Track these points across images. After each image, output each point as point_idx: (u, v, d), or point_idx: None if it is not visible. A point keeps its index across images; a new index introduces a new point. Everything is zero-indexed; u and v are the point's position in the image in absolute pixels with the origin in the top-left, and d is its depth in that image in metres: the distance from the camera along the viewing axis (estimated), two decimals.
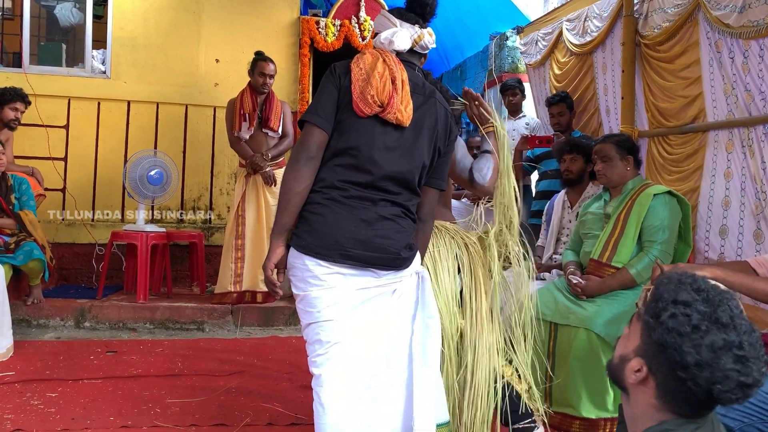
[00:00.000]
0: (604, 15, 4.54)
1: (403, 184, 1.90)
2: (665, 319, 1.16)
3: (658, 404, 1.20)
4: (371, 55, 1.91)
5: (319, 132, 1.85)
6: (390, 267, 1.87)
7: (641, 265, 2.86)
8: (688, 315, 1.14)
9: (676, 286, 1.19)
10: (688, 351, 1.12)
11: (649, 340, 1.20)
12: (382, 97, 1.84)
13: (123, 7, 5.42)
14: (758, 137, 3.28)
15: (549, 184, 4.35)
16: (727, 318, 1.14)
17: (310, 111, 1.88)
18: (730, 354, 1.12)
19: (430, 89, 1.99)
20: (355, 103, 1.84)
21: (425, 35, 2.01)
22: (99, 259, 5.03)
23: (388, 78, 1.86)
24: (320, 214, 1.83)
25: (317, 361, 1.83)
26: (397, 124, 1.87)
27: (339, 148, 1.86)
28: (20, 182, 4.21)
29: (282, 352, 3.88)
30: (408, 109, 1.87)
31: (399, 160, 1.88)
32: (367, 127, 1.85)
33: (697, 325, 1.13)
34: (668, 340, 1.15)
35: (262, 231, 4.62)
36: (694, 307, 1.15)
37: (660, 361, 1.18)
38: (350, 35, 5.74)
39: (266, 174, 4.62)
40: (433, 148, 1.96)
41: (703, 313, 1.14)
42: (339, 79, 1.88)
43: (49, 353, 3.68)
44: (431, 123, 1.94)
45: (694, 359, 1.12)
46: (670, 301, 1.17)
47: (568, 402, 2.82)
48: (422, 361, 1.91)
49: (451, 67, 8.19)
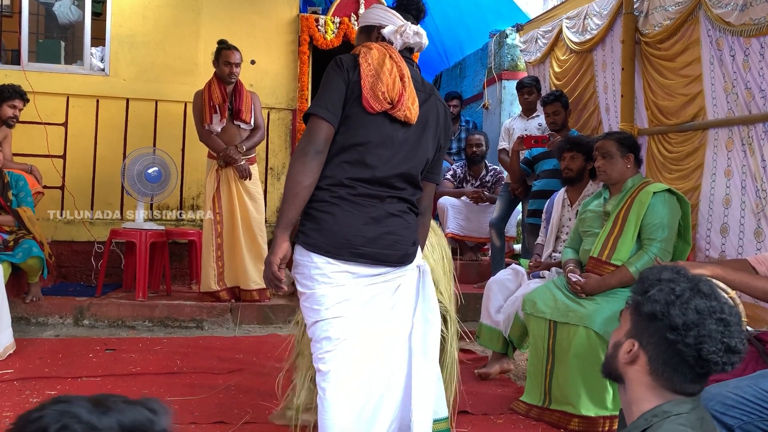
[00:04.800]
0: (603, 13, 4.54)
1: (408, 179, 1.92)
2: (653, 293, 1.29)
3: (651, 381, 1.29)
4: (378, 50, 1.88)
5: (327, 126, 1.82)
6: (398, 263, 1.89)
7: (641, 263, 2.85)
8: (672, 288, 1.28)
9: (659, 270, 1.34)
10: (675, 314, 1.24)
11: (639, 317, 1.32)
12: (393, 94, 1.83)
13: (122, 5, 5.40)
14: (758, 135, 3.28)
15: (546, 184, 4.35)
16: (708, 289, 1.28)
17: (317, 104, 1.85)
18: (713, 317, 1.24)
19: (429, 86, 2.01)
20: (365, 98, 1.82)
21: (424, 35, 2.02)
22: (98, 257, 5.02)
23: (396, 75, 1.85)
24: (330, 212, 1.82)
25: (325, 358, 1.83)
26: (405, 121, 1.87)
27: (346, 144, 1.85)
28: (17, 179, 4.20)
29: (281, 350, 3.87)
30: (415, 106, 1.88)
31: (406, 157, 1.89)
32: (376, 124, 1.85)
33: (680, 293, 1.26)
34: (657, 308, 1.27)
35: (237, 227, 4.49)
36: (677, 281, 1.29)
37: (650, 332, 1.29)
38: (349, 32, 5.72)
39: (242, 167, 4.45)
40: (436, 144, 1.98)
41: (685, 285, 1.28)
42: (347, 73, 1.85)
43: (48, 351, 3.67)
44: (434, 119, 1.96)
45: (682, 320, 1.24)
46: (655, 280, 1.31)
47: (568, 400, 2.82)
48: (422, 355, 1.92)
49: (451, 65, 8.18)
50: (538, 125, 5.00)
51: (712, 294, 1.27)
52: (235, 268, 4.53)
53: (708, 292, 1.27)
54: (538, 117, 5.03)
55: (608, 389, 2.78)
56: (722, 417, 1.76)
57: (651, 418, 1.26)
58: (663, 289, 1.28)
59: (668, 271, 1.32)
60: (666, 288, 1.28)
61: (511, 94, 6.12)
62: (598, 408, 2.77)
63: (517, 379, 3.47)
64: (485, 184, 5.53)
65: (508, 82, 6.35)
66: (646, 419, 1.27)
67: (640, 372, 1.30)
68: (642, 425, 1.27)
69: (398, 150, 1.87)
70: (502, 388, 3.31)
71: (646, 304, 1.28)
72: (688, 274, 1.31)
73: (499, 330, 3.38)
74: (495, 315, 3.42)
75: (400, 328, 1.92)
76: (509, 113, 6.13)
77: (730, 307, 1.27)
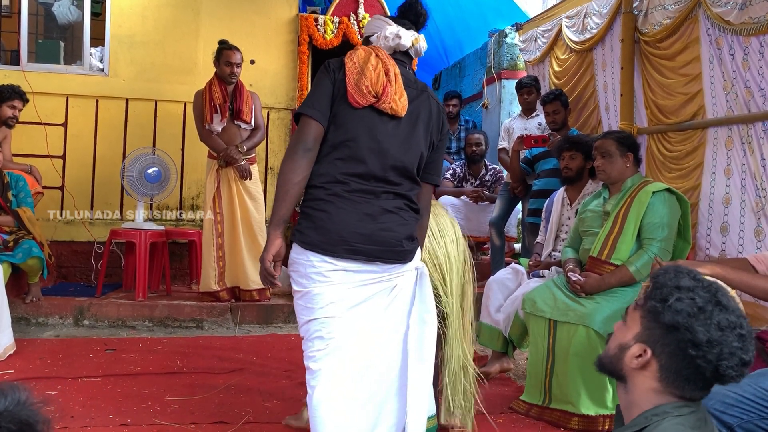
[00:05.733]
0: (603, 12, 4.54)
1: (403, 173, 1.92)
2: (673, 303, 1.24)
3: (659, 387, 1.27)
4: (364, 50, 1.94)
5: (315, 124, 1.87)
6: (394, 260, 1.89)
7: (640, 263, 2.86)
8: (693, 298, 1.23)
9: (676, 275, 1.29)
10: (699, 329, 1.21)
11: (654, 324, 1.27)
12: (377, 87, 1.86)
13: (121, 5, 5.40)
14: (757, 134, 3.28)
15: (546, 183, 4.35)
16: (726, 302, 1.25)
17: (305, 104, 1.90)
18: (734, 332, 1.22)
19: (422, 84, 2.03)
20: (350, 94, 1.86)
21: (421, 40, 2.05)
22: (98, 257, 5.02)
23: (381, 70, 1.89)
24: (324, 210, 1.84)
25: (316, 356, 1.84)
26: (393, 114, 1.89)
27: (337, 141, 1.88)
28: (17, 179, 4.20)
29: (281, 349, 3.88)
30: (402, 99, 1.90)
31: (397, 149, 1.90)
32: (363, 118, 1.88)
33: (702, 306, 1.23)
34: (679, 320, 1.23)
35: (237, 227, 4.49)
36: (696, 291, 1.25)
37: (667, 342, 1.25)
38: (349, 32, 5.73)
39: (242, 167, 4.45)
40: (429, 140, 1.99)
41: (705, 297, 1.24)
42: (333, 73, 1.91)
43: (48, 351, 3.67)
44: (426, 115, 1.97)
45: (706, 337, 1.21)
46: (673, 287, 1.26)
47: (567, 399, 2.83)
48: (418, 357, 1.92)
49: (450, 64, 8.18)
50: (537, 125, 5.00)
51: (730, 307, 1.25)
52: (235, 268, 4.53)
53: (727, 305, 1.25)
54: (538, 116, 5.04)
55: (608, 388, 2.78)
56: (722, 415, 1.76)
57: (651, 417, 1.26)
58: (683, 299, 1.24)
59: (685, 277, 1.28)
60: (687, 299, 1.24)
61: (511, 94, 6.11)
62: (598, 407, 2.77)
63: (517, 378, 3.47)
64: (485, 184, 5.54)
65: (507, 82, 6.35)
66: (646, 417, 1.27)
67: (649, 378, 1.28)
68: (641, 423, 1.27)
69: (389, 142, 1.89)
70: (502, 387, 3.31)
71: (666, 313, 1.24)
72: (704, 281, 1.28)
73: (499, 329, 3.38)
74: (495, 314, 3.42)
75: (396, 329, 1.92)
76: (509, 112, 6.13)
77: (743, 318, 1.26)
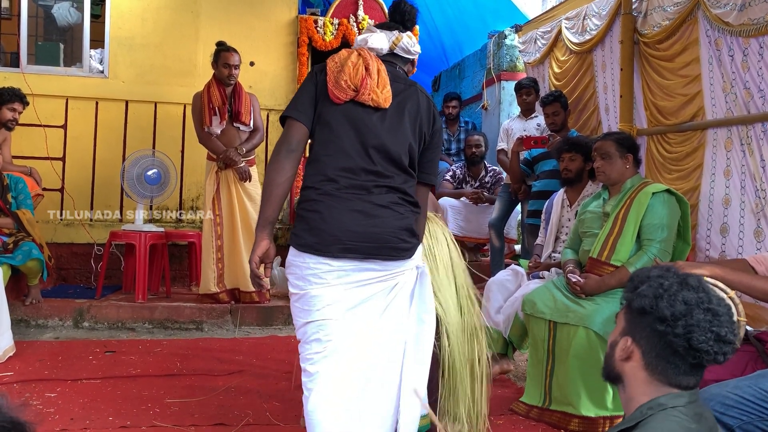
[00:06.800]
0: (602, 13, 4.54)
1: (393, 163, 1.91)
2: (642, 289, 1.34)
3: (647, 376, 1.32)
4: (346, 51, 1.98)
5: (298, 125, 1.91)
6: (391, 257, 1.87)
7: (640, 264, 2.85)
8: (661, 283, 1.33)
9: (649, 270, 1.39)
10: (663, 306, 1.29)
11: (630, 314, 1.37)
12: (355, 80, 1.88)
13: (121, 7, 5.41)
14: (757, 135, 3.28)
15: (545, 184, 4.35)
16: (696, 282, 1.33)
17: (288, 107, 1.95)
18: (701, 307, 1.29)
19: (411, 82, 2.05)
20: (330, 91, 1.90)
21: (404, 37, 2.06)
22: (97, 259, 5.02)
23: (361, 65, 1.91)
24: (316, 210, 1.85)
25: (313, 359, 1.84)
26: (376, 107, 1.90)
27: (323, 139, 1.90)
28: (16, 181, 4.20)
29: (281, 351, 3.87)
30: (384, 91, 1.91)
31: (384, 138, 1.90)
32: (345, 112, 1.90)
33: (668, 287, 1.31)
34: (646, 303, 1.32)
35: (237, 228, 4.50)
36: (665, 277, 1.34)
37: (642, 326, 1.34)
38: (348, 34, 5.73)
39: (242, 169, 4.46)
40: (418, 131, 1.97)
41: (673, 280, 1.33)
42: (315, 76, 1.96)
43: (47, 353, 3.67)
44: (413, 107, 1.97)
45: (670, 312, 1.29)
46: (644, 277, 1.37)
47: (567, 400, 2.82)
48: (414, 357, 1.92)
49: (450, 66, 8.19)
50: (536, 126, 5.00)
51: (700, 286, 1.32)
52: (235, 269, 4.53)
53: (695, 285, 1.32)
54: (537, 117, 5.04)
55: (608, 390, 2.78)
56: (722, 417, 1.75)
57: (646, 411, 1.27)
58: (652, 284, 1.33)
59: (658, 269, 1.38)
60: (654, 283, 1.33)
61: (510, 95, 6.11)
62: (598, 408, 2.77)
63: (517, 379, 3.47)
64: (484, 185, 5.54)
65: (507, 83, 6.35)
66: (642, 412, 1.28)
67: (635, 367, 1.34)
68: (637, 417, 1.28)
69: (375, 131, 1.89)
70: (502, 388, 3.31)
71: (636, 299, 1.34)
72: (678, 271, 1.36)
73: (498, 331, 3.38)
74: (495, 315, 3.42)
75: (394, 330, 1.91)
76: (508, 114, 6.13)
77: (718, 298, 1.32)
